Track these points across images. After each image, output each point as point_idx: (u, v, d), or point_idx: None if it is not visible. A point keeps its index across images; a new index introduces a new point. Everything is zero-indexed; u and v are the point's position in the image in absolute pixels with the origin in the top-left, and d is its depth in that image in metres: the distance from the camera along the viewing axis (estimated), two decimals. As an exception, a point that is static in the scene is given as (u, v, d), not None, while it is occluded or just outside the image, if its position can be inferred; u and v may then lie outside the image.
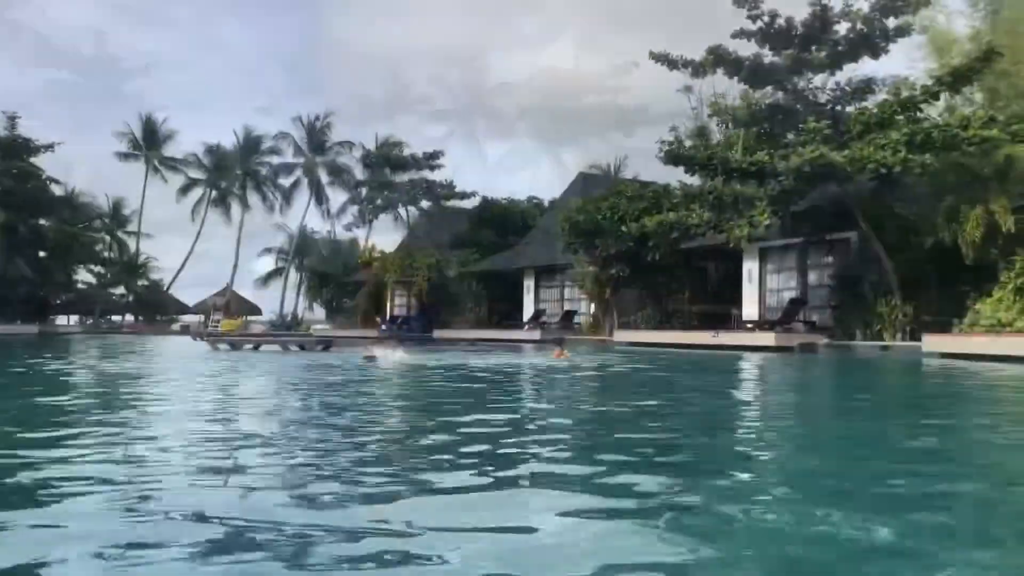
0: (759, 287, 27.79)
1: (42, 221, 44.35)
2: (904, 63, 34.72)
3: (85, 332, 50.89)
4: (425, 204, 45.88)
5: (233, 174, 66.36)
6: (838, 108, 23.99)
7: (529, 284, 38.76)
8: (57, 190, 47.12)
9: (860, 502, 3.42)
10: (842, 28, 23.00)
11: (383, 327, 44.54)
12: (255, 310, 70.16)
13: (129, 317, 65.81)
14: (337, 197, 65.42)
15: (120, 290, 66.24)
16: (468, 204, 45.89)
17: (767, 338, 23.57)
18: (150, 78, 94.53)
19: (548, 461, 4.49)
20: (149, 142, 66.70)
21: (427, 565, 2.51)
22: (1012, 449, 5.40)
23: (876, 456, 4.82)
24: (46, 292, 48.13)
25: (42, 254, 44.94)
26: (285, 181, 66.73)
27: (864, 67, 24.17)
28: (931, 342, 19.62)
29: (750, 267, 27.96)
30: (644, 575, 2.47)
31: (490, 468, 4.15)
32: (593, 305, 34.28)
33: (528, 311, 37.99)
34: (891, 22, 22.41)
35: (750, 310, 27.73)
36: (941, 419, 7.39)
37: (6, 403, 7.61)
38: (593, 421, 6.85)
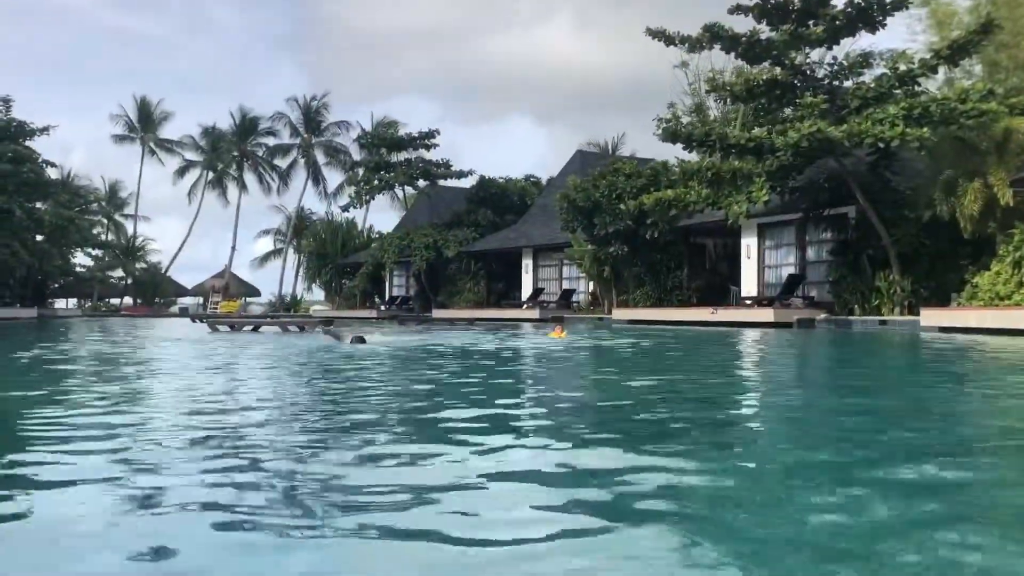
0: (757, 263, 27.82)
1: (39, 204, 44.16)
2: (905, 36, 34.50)
3: (84, 315, 50.94)
4: (422, 184, 45.68)
5: (229, 155, 66.13)
6: (836, 83, 23.88)
7: (527, 263, 38.75)
8: (53, 173, 46.96)
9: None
10: (839, 2, 22.85)
11: (382, 307, 44.61)
12: (253, 291, 70.28)
13: (128, 300, 65.85)
14: (334, 178, 65.33)
15: (118, 273, 66.21)
16: (465, 183, 45.76)
17: (766, 314, 23.64)
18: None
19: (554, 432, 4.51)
20: (144, 124, 66.42)
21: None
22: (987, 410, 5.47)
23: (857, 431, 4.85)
24: (44, 276, 48.08)
25: (39, 238, 44.79)
26: (282, 162, 66.54)
27: (862, 41, 24.08)
28: (929, 316, 19.68)
29: (748, 243, 27.97)
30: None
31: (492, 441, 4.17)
32: (592, 283, 34.31)
33: (527, 290, 38.02)
34: (889, -5, 22.26)
35: (749, 286, 27.77)
36: (929, 388, 7.43)
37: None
38: (606, 397, 6.87)
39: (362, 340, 13.96)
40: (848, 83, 23.79)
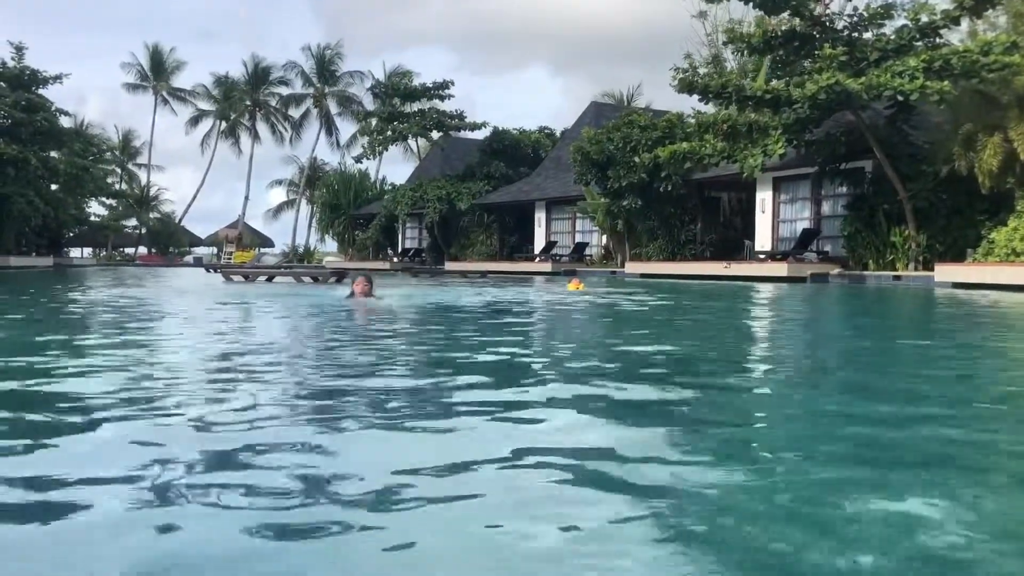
0: (772, 217, 27.69)
1: (53, 153, 44.19)
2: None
3: (99, 264, 51.35)
4: (435, 135, 45.43)
5: (242, 105, 65.93)
6: (855, 34, 23.49)
7: (540, 216, 38.67)
8: (66, 122, 46.91)
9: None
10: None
11: (395, 259, 44.72)
12: (267, 242, 70.61)
13: (142, 249, 66.28)
14: (347, 128, 65.13)
15: (132, 223, 66.54)
16: (479, 135, 45.48)
17: (779, 268, 23.62)
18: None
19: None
20: (157, 73, 66.16)
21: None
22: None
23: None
24: (59, 225, 48.34)
25: (54, 187, 44.92)
26: (295, 112, 66.32)
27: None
28: (944, 271, 19.62)
29: (763, 197, 27.81)
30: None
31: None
32: (605, 237, 34.26)
33: (539, 243, 37.99)
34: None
35: (763, 240, 27.69)
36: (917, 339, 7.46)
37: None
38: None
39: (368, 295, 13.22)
40: (868, 35, 23.41)
